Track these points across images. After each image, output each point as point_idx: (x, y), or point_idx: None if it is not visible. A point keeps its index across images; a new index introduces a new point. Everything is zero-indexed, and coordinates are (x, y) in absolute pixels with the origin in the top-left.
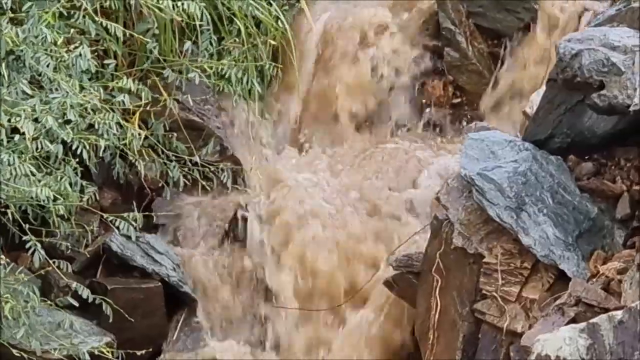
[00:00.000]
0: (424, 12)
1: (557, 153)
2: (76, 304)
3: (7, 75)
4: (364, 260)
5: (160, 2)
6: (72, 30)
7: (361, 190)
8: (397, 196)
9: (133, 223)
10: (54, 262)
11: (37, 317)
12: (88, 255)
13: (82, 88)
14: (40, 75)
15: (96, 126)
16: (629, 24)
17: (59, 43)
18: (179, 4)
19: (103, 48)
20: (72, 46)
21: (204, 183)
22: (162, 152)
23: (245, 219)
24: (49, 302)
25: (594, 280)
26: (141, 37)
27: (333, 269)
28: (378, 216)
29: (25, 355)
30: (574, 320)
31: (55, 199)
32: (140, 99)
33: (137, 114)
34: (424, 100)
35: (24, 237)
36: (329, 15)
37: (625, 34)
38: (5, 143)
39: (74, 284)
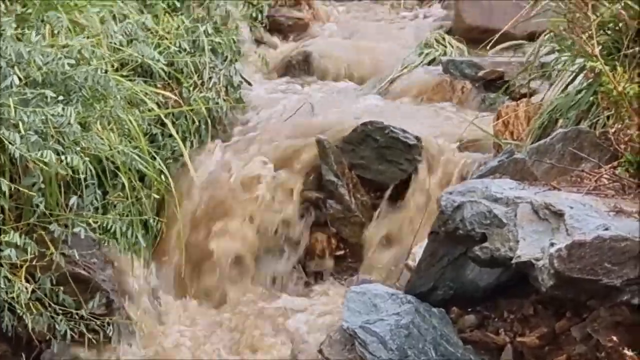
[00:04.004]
0: (306, 165)
1: (440, 305)
2: None
3: None
4: None
5: (45, 156)
6: None
7: (242, 344)
8: (279, 349)
9: None
10: None
11: None
12: None
13: None
14: None
15: None
16: (511, 175)
17: None
18: (63, 157)
19: None
20: None
21: (90, 336)
22: (50, 305)
23: None
24: None
25: None
26: (27, 191)
27: None
28: None
29: None
30: None
31: None
32: (27, 252)
33: (24, 268)
34: (307, 253)
35: None
36: (213, 168)
37: (507, 185)
38: None
39: None
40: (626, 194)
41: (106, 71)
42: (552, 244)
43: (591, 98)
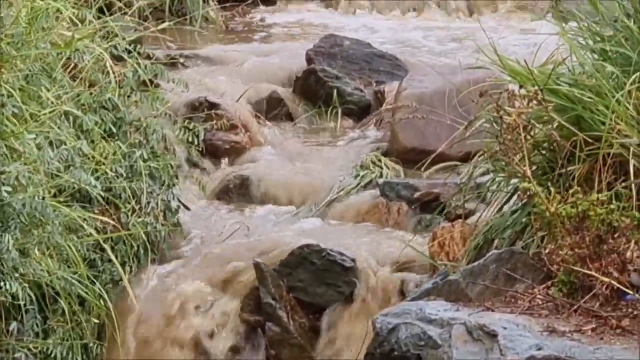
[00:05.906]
0: (244, 288)
1: None
2: None
3: None
4: None
5: None
6: None
7: None
8: None
9: None
10: None
11: None
12: None
13: None
14: None
15: None
16: (445, 297)
17: None
18: (2, 284)
19: None
20: None
21: None
22: None
23: None
24: None
25: None
26: None
27: None
28: None
29: None
30: None
31: None
32: None
33: None
34: None
35: None
36: (152, 292)
37: (441, 307)
38: None
39: None
40: (560, 313)
41: (43, 198)
42: None
43: (525, 219)
